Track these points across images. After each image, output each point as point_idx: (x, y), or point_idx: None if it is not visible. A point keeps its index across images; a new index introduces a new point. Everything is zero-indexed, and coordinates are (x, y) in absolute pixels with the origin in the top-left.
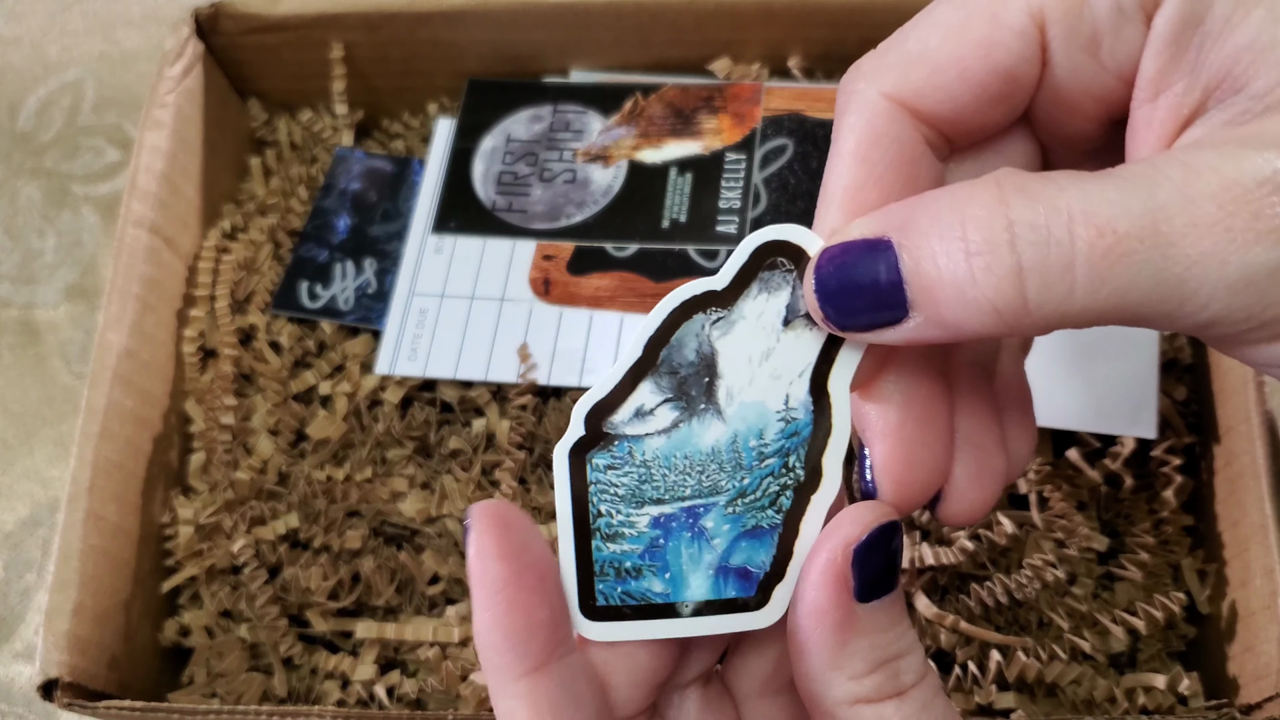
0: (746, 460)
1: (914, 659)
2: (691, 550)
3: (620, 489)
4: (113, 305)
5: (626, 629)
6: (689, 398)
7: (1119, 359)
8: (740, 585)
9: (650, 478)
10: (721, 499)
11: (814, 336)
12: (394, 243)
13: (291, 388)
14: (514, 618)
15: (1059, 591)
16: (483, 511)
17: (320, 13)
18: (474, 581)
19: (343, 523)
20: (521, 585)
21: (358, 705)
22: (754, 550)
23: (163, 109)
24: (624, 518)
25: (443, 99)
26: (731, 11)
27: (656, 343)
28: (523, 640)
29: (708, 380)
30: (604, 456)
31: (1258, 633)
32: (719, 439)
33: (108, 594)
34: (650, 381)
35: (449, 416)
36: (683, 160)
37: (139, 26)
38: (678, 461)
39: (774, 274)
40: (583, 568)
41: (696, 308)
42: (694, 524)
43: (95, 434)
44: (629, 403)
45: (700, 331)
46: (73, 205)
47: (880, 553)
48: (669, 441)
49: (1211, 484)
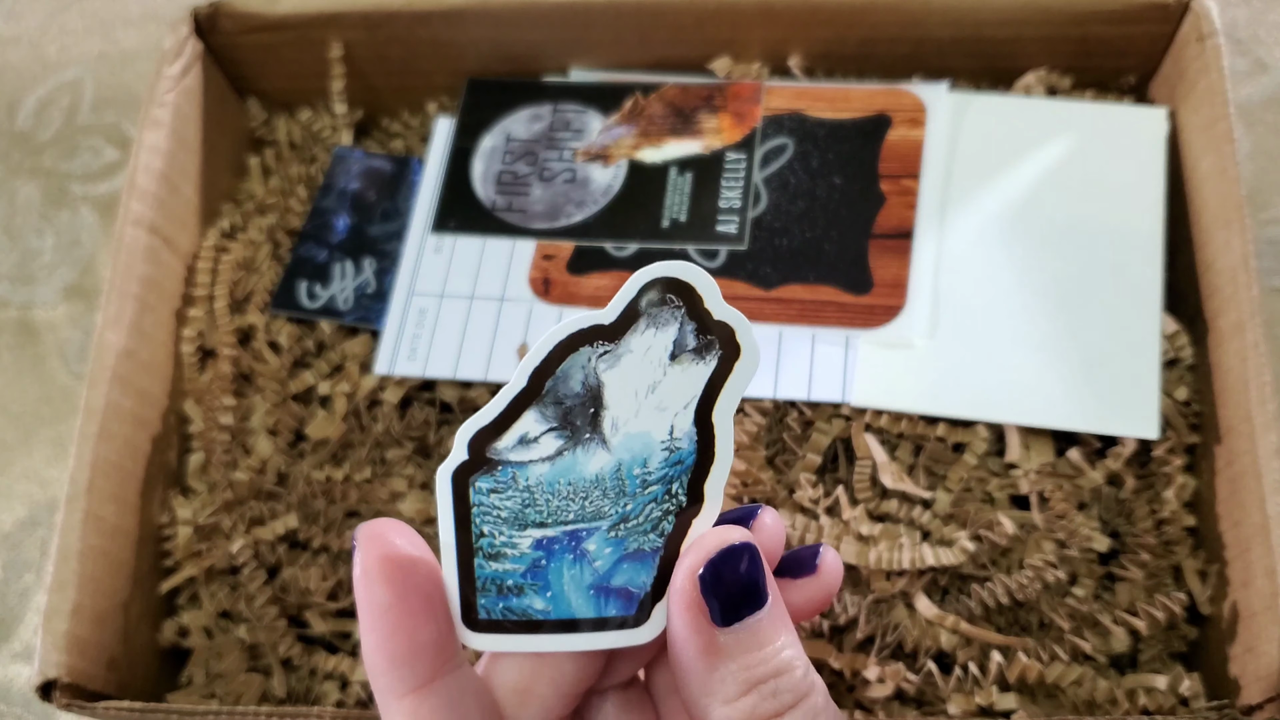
0: (630, 487)
1: (791, 677)
2: (574, 571)
3: (503, 512)
4: (111, 305)
5: (508, 641)
6: (574, 427)
7: (1120, 359)
8: (621, 604)
9: (534, 502)
10: (604, 524)
11: (700, 370)
12: (393, 242)
13: (290, 388)
14: (397, 641)
15: (1060, 592)
16: (368, 533)
17: (319, 12)
18: (359, 604)
19: (342, 523)
20: (405, 609)
21: (357, 706)
22: (635, 572)
23: (161, 108)
24: (506, 539)
25: (442, 98)
26: (732, 11)
27: (541, 373)
28: (406, 662)
29: (593, 411)
30: (487, 480)
31: (1259, 633)
32: (603, 467)
33: (106, 595)
34: (535, 411)
35: (448, 417)
36: (683, 160)
37: (138, 26)
38: (561, 488)
39: (662, 310)
40: (465, 582)
41: (583, 340)
42: (576, 546)
43: (94, 434)
44: (513, 430)
45: (587, 364)
46: (71, 205)
47: (729, 576)
48: (553, 468)
49: (1213, 484)
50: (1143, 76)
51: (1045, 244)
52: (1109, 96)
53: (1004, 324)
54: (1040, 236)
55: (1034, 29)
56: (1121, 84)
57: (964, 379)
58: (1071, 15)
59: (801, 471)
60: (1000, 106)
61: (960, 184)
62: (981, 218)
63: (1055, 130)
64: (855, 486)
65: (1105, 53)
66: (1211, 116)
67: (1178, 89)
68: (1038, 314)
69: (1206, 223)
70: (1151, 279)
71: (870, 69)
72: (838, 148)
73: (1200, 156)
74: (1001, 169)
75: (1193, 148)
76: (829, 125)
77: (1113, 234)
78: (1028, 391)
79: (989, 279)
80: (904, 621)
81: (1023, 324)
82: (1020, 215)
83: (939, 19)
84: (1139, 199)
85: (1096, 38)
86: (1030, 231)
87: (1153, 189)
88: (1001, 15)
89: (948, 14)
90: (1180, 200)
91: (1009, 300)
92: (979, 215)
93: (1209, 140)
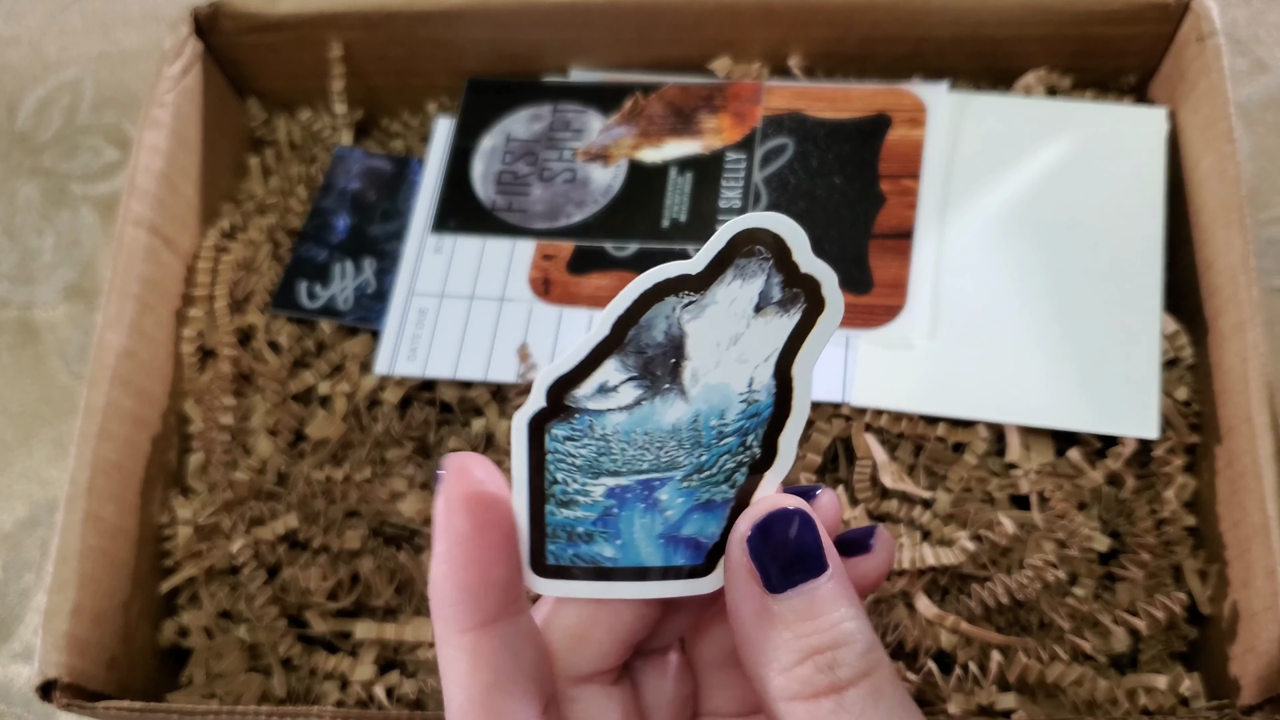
0: (706, 438)
1: (852, 650)
2: (644, 520)
3: (578, 459)
4: (111, 305)
5: (574, 587)
6: (654, 377)
7: (1120, 359)
8: (689, 554)
9: (609, 451)
10: (678, 474)
11: (783, 323)
12: (393, 242)
13: (290, 388)
14: (470, 572)
15: (1060, 592)
16: (456, 464)
17: (319, 12)
18: (437, 531)
19: (342, 523)
20: (482, 541)
21: (357, 706)
22: (705, 522)
23: (161, 108)
24: (579, 486)
25: (442, 98)
26: (731, 10)
27: (625, 322)
28: (475, 596)
29: (674, 361)
30: (563, 428)
31: (1259, 633)
32: (681, 417)
33: (106, 595)
34: (616, 359)
35: (448, 416)
36: (683, 159)
37: (137, 26)
38: (637, 437)
39: (751, 261)
40: (535, 528)
41: (669, 290)
42: (649, 495)
43: (94, 434)
44: (593, 378)
45: (671, 314)
46: (71, 205)
47: (779, 540)
48: (630, 418)
49: (1213, 484)
50: (1143, 76)
51: (1045, 244)
52: (1109, 96)
53: (1004, 324)
54: (1040, 236)
55: (1034, 29)
56: (1121, 84)
57: (964, 379)
58: (1071, 15)
59: (802, 471)
60: (1000, 106)
61: (960, 184)
62: (981, 218)
63: (1055, 130)
64: (855, 486)
65: (1105, 53)
66: (1211, 116)
67: (1178, 89)
68: (1038, 314)
69: (1206, 223)
70: (1151, 279)
71: (870, 69)
72: (838, 148)
73: (1200, 156)
74: (1001, 169)
75: (1193, 148)
76: (829, 125)
77: (1113, 234)
78: (1028, 391)
79: (989, 279)
80: (904, 621)
81: (1023, 324)
82: (1020, 215)
83: (939, 19)
84: (1139, 199)
85: (1096, 38)
86: (1030, 231)
87: (1153, 189)
88: (1001, 15)
89: (948, 14)
90: (1180, 200)
91: (1009, 300)
92: (979, 215)
93: (1209, 140)
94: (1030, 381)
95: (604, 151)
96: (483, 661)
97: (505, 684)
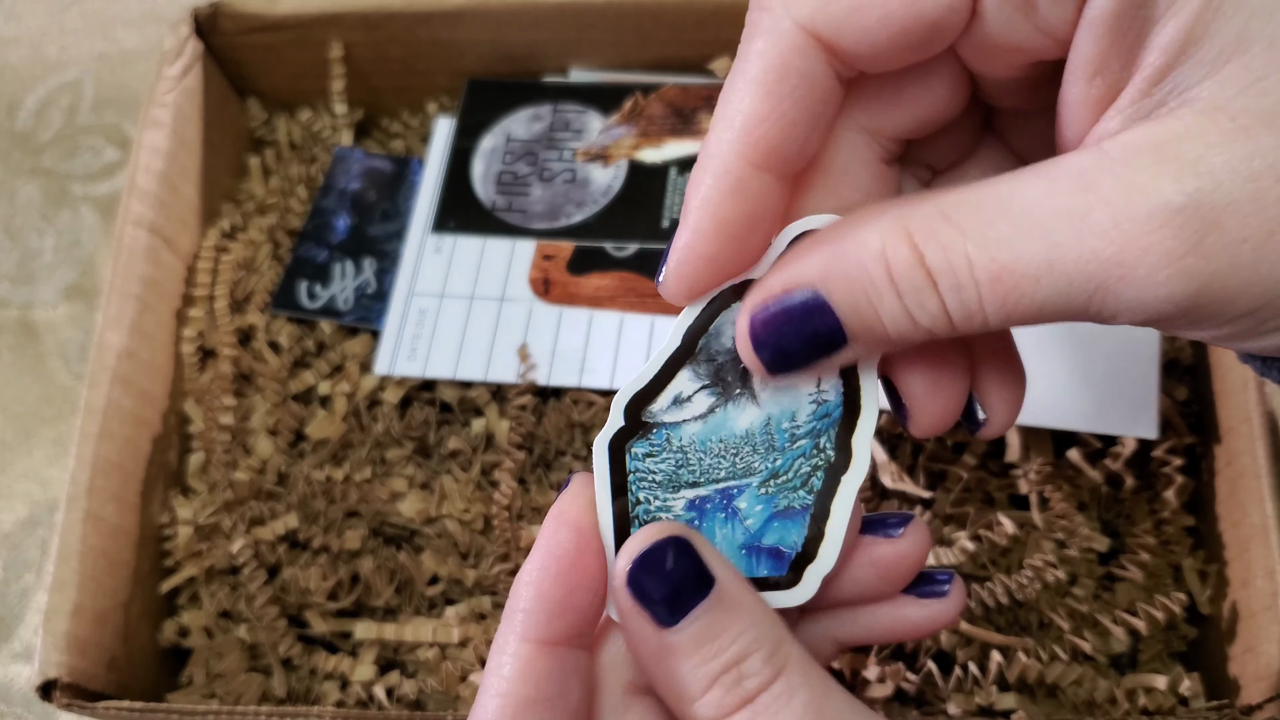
0: (780, 442)
1: (756, 659)
2: (725, 530)
3: (658, 475)
4: (112, 305)
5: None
6: (725, 384)
7: (1119, 359)
8: (772, 564)
9: (686, 462)
10: (755, 480)
11: None
12: (393, 242)
13: (290, 388)
14: (555, 585)
15: (1060, 592)
16: (581, 481)
17: (319, 12)
18: (541, 538)
19: (342, 523)
20: (576, 563)
21: (357, 706)
22: (786, 530)
23: (162, 108)
24: (661, 503)
25: (442, 98)
26: (731, 11)
27: (696, 331)
28: (550, 609)
29: (744, 366)
30: (643, 445)
31: (1259, 633)
32: (753, 422)
33: (106, 594)
34: (688, 370)
35: (448, 417)
36: (683, 160)
37: (138, 26)
38: (713, 445)
39: None
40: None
41: (735, 296)
42: (728, 505)
43: (94, 434)
44: (667, 391)
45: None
46: (71, 205)
47: (657, 577)
48: (705, 426)
49: (1212, 484)
50: None
51: None
52: None
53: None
54: None
55: None
56: None
57: None
58: None
59: None
60: None
61: None
62: None
63: None
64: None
65: None
66: None
67: None
68: None
69: None
70: None
71: None
72: None
73: None
74: None
75: None
76: None
77: None
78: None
79: None
80: None
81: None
82: None
83: None
84: None
85: None
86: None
87: None
88: None
89: None
90: None
91: None
92: None
93: None
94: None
95: (604, 152)
96: (531, 677)
97: (542, 707)
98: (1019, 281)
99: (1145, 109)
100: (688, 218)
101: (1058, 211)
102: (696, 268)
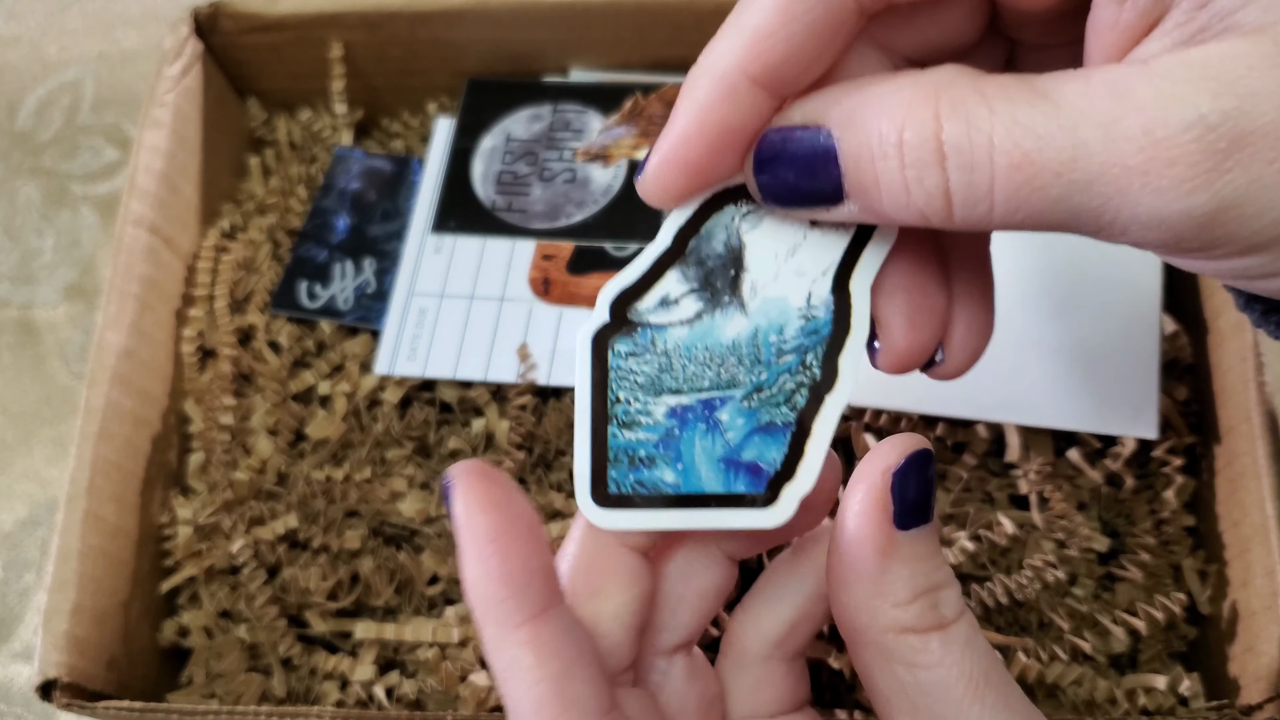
0: (766, 355)
1: (952, 593)
2: (705, 442)
3: (640, 377)
4: (111, 305)
5: (635, 517)
6: (714, 289)
7: (1119, 359)
8: (750, 481)
9: (670, 368)
10: (738, 393)
11: (840, 235)
12: (393, 242)
13: (290, 388)
14: (511, 564)
15: (1059, 592)
16: (465, 468)
17: (319, 12)
18: (463, 534)
19: (342, 523)
20: (514, 533)
21: (357, 706)
22: (766, 446)
23: (162, 108)
24: (641, 406)
25: (442, 98)
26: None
27: (686, 233)
28: (521, 587)
29: (733, 273)
30: (626, 343)
31: (1259, 633)
32: (740, 332)
33: (106, 594)
34: (677, 271)
35: (448, 416)
36: None
37: (138, 26)
38: (698, 353)
39: None
40: (597, 453)
41: (728, 199)
42: (709, 415)
43: (94, 434)
44: (654, 291)
45: (730, 224)
46: (71, 205)
47: (916, 480)
48: (691, 332)
49: (1212, 484)
50: None
51: (1045, 244)
52: None
53: (1003, 324)
54: (1040, 236)
55: None
56: None
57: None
58: None
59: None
60: None
61: None
62: None
63: None
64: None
65: None
66: None
67: None
68: (1037, 314)
69: None
70: (1151, 279)
71: None
72: None
73: None
74: None
75: None
76: None
77: None
78: (1027, 391)
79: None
80: None
81: (1022, 324)
82: None
83: None
84: None
85: None
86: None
87: None
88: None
89: None
90: None
91: (1009, 300)
92: None
93: None
94: (1030, 381)
95: (604, 151)
96: (548, 652)
97: (575, 671)
98: (1037, 173)
99: (1188, 32)
100: (675, 120)
101: (1090, 112)
102: (676, 169)
